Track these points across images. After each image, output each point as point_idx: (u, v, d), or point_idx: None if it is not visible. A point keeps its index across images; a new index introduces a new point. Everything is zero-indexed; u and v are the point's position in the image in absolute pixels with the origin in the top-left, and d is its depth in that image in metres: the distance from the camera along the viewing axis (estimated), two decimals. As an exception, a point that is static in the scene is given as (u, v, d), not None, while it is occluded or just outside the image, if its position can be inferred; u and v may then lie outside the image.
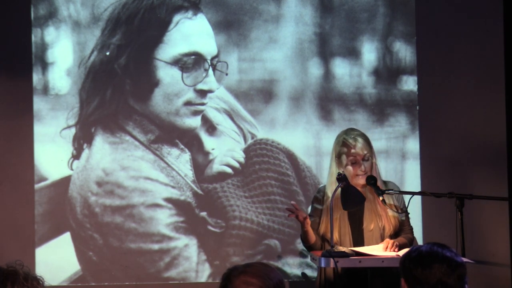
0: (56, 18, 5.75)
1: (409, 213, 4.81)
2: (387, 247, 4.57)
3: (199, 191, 5.72)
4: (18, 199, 5.66)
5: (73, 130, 5.72)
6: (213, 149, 5.76)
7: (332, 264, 4.38)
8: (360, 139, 4.71)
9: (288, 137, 5.79)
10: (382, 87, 5.85)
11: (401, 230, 4.78)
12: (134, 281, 5.70)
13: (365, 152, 4.71)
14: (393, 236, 4.72)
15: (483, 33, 5.82)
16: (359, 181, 4.71)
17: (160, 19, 5.73)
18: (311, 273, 5.64)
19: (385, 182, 4.83)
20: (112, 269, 5.70)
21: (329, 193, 4.70)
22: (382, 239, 4.69)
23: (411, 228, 4.82)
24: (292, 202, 4.73)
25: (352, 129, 4.84)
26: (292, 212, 4.63)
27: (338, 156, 4.74)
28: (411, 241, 4.75)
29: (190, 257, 5.70)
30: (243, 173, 5.76)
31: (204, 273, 5.72)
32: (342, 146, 4.73)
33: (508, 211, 5.79)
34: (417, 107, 5.83)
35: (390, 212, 4.73)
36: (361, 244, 4.65)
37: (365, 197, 4.69)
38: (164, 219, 5.69)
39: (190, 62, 5.74)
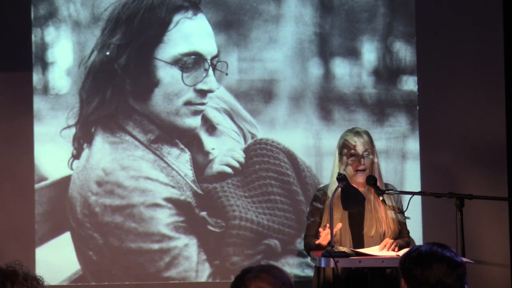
0: (56, 18, 5.75)
1: (408, 218, 4.81)
2: (385, 246, 4.56)
3: (199, 191, 5.72)
4: (18, 199, 5.66)
5: (73, 130, 5.72)
6: (213, 149, 5.76)
7: (332, 264, 4.37)
8: (361, 135, 4.73)
9: (288, 137, 5.79)
10: (382, 87, 5.85)
11: (400, 232, 4.79)
12: (134, 281, 5.70)
13: (366, 147, 4.71)
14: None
15: (483, 33, 5.82)
16: (359, 179, 4.71)
17: (160, 19, 5.73)
18: (311, 273, 5.64)
19: (385, 185, 4.83)
20: (112, 268, 5.70)
21: (330, 192, 4.71)
22: None
23: (408, 232, 4.83)
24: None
25: (357, 127, 4.86)
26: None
27: (340, 153, 4.76)
28: (408, 244, 4.76)
29: (190, 256, 5.70)
30: (243, 173, 5.76)
31: (204, 273, 5.72)
32: (344, 142, 4.75)
33: (508, 211, 5.79)
34: (417, 107, 5.83)
35: (390, 215, 4.73)
36: (361, 248, 4.65)
37: (365, 197, 4.69)
38: (164, 219, 5.69)
39: (190, 62, 5.74)
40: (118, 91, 5.72)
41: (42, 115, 5.73)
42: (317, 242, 4.59)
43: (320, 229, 4.62)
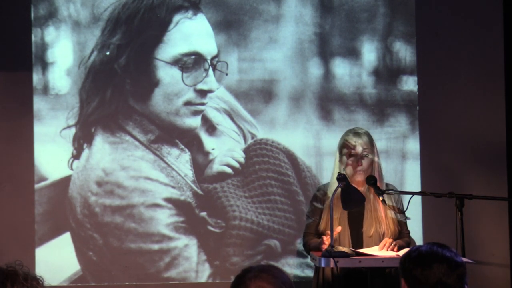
0: (56, 18, 5.75)
1: (409, 218, 4.81)
2: (385, 245, 4.56)
3: (199, 191, 5.72)
4: (18, 199, 5.66)
5: (73, 130, 5.72)
6: (213, 149, 5.75)
7: (332, 264, 4.37)
8: (361, 136, 4.72)
9: (288, 137, 5.79)
10: (382, 87, 5.85)
11: (400, 232, 4.78)
12: (134, 281, 5.70)
13: (364, 147, 4.71)
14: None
15: (483, 33, 5.82)
16: (358, 178, 4.71)
17: (160, 19, 5.73)
18: (311, 273, 5.64)
19: (386, 185, 4.82)
20: (112, 269, 5.70)
21: (330, 192, 4.70)
22: None
23: (409, 232, 4.83)
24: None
25: (358, 127, 4.85)
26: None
27: (340, 153, 4.76)
28: (409, 244, 4.75)
29: (190, 257, 5.70)
30: (243, 173, 5.76)
31: (204, 273, 5.72)
32: (344, 142, 4.75)
33: (508, 211, 5.79)
34: (417, 107, 5.83)
35: (390, 215, 4.73)
36: (360, 248, 4.64)
37: (365, 197, 4.69)
38: (164, 219, 5.69)
39: (190, 62, 5.74)
40: (118, 91, 5.72)
41: (42, 115, 5.73)
42: (321, 247, 4.57)
43: (325, 238, 4.57)
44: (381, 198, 4.64)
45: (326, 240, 4.52)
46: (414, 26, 5.83)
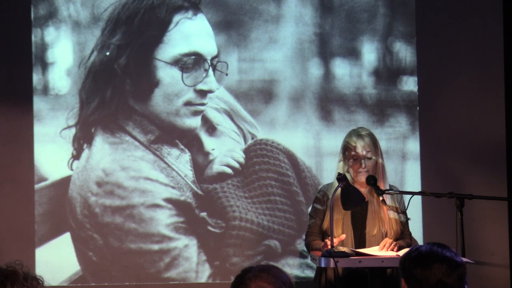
0: (56, 18, 5.75)
1: (409, 219, 4.81)
2: (384, 245, 4.56)
3: (199, 192, 5.72)
4: (18, 199, 5.66)
5: (73, 130, 5.72)
6: (213, 149, 5.75)
7: (332, 264, 4.37)
8: (363, 138, 4.72)
9: (288, 137, 5.79)
10: (382, 88, 5.85)
11: (402, 233, 4.78)
12: (134, 282, 5.70)
13: (367, 150, 4.71)
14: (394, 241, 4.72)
15: (483, 33, 5.82)
16: (361, 179, 4.70)
17: (160, 19, 5.73)
18: (311, 273, 5.65)
19: (389, 186, 4.82)
20: (112, 269, 5.70)
21: (330, 193, 4.70)
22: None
23: (410, 234, 4.82)
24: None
25: (361, 128, 4.84)
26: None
27: (343, 154, 4.76)
28: (409, 245, 4.74)
29: (190, 257, 5.70)
30: (243, 174, 5.76)
31: (204, 274, 5.72)
32: (345, 144, 4.74)
33: (508, 211, 5.79)
34: (417, 107, 5.83)
35: (392, 214, 4.73)
36: (363, 248, 4.64)
37: (365, 198, 4.69)
38: (164, 220, 5.69)
39: (190, 62, 5.74)
40: (118, 91, 5.72)
41: (42, 115, 5.73)
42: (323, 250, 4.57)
43: (328, 244, 4.57)
44: (380, 198, 4.63)
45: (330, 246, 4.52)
46: (414, 26, 5.83)
